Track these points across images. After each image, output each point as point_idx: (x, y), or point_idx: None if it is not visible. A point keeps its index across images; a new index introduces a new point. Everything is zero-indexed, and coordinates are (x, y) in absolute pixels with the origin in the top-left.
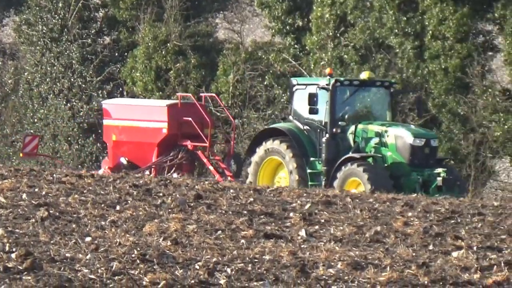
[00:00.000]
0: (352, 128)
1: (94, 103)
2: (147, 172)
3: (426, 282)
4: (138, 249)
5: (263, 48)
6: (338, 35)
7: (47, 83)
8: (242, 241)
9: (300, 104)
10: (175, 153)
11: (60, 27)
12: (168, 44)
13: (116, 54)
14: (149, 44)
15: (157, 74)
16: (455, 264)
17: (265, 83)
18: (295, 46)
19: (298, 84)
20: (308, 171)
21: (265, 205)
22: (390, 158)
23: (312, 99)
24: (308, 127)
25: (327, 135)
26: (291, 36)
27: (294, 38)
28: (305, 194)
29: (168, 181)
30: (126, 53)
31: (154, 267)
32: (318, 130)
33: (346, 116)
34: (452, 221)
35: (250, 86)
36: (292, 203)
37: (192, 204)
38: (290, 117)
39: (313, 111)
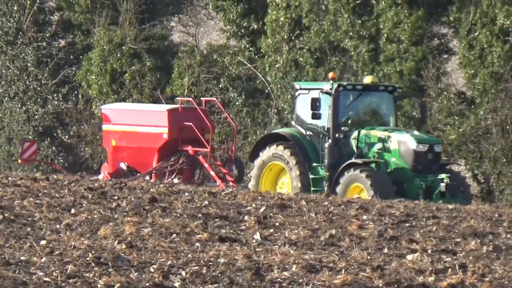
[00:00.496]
0: (355, 133)
1: (49, 106)
2: (147, 178)
3: (380, 285)
4: (93, 252)
5: (218, 51)
6: (293, 38)
7: (2, 86)
8: (197, 244)
9: (302, 109)
10: (175, 158)
11: (15, 30)
12: (123, 47)
13: (71, 57)
14: (104, 47)
15: (112, 77)
16: (410, 267)
17: (220, 86)
18: (250, 49)
19: (301, 89)
20: (311, 176)
21: (220, 209)
22: (393, 163)
23: (315, 104)
24: (310, 132)
25: (330, 141)
26: (246, 39)
27: (249, 41)
28: (259, 198)
29: (123, 184)
30: (81, 56)
31: (109, 270)
32: (321, 135)
33: (349, 121)
34: (407, 224)
35: (205, 89)
36: (247, 206)
37: (147, 208)
38: (293, 122)
39: (316, 116)
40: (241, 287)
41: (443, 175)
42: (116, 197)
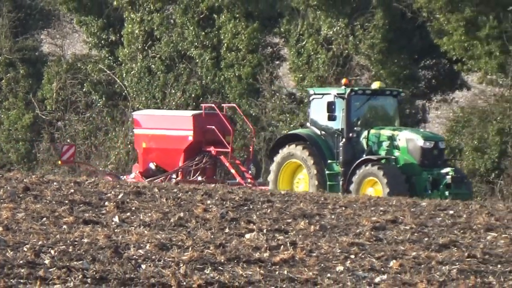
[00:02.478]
0: (365, 133)
1: None
2: (174, 176)
3: (222, 260)
4: None
5: (81, 60)
6: (146, 48)
7: None
8: (64, 226)
9: (317, 111)
10: (200, 158)
11: None
12: (0, 57)
13: None
14: None
15: None
16: (248, 245)
17: (84, 90)
18: (109, 58)
19: (315, 94)
20: (327, 172)
21: (84, 195)
22: (402, 159)
23: (331, 107)
24: (324, 133)
25: (344, 139)
26: (105, 49)
27: (109, 51)
28: (118, 186)
29: (0, 175)
30: None
31: None
32: (335, 135)
33: (359, 122)
34: (245, 208)
35: (71, 92)
36: (107, 193)
37: (21, 195)
38: (308, 124)
39: (331, 117)
40: (102, 263)
41: (448, 169)
42: None
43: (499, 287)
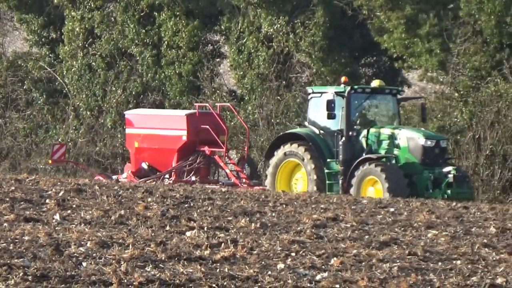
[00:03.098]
0: (364, 132)
1: None
2: (167, 176)
3: (163, 258)
4: None
5: (22, 57)
6: (87, 45)
7: None
8: (5, 224)
9: (315, 110)
10: (193, 158)
11: None
12: None
13: None
14: None
15: None
16: (189, 242)
17: (25, 87)
18: (50, 55)
19: (313, 93)
20: (326, 171)
21: (25, 193)
22: (402, 158)
23: (330, 105)
24: (323, 132)
25: (343, 138)
26: (46, 47)
27: (49, 48)
28: (59, 183)
29: None
30: None
31: None
32: (335, 134)
33: (358, 121)
34: (186, 205)
35: (11, 90)
36: (48, 191)
37: None
38: (306, 123)
39: (331, 116)
40: (43, 261)
41: (450, 168)
42: None
43: (439, 284)
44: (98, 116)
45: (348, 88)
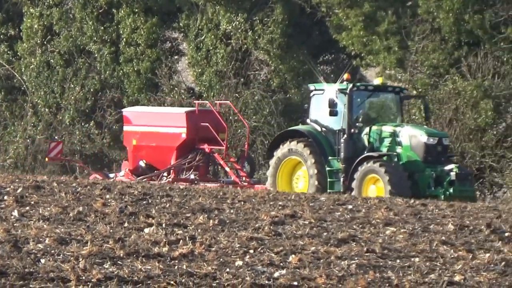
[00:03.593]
0: (366, 129)
1: None
2: (165, 174)
3: (121, 254)
4: None
5: None
6: (45, 42)
7: None
8: None
9: (317, 107)
10: (192, 156)
11: None
12: None
13: None
14: None
15: None
16: (147, 239)
17: None
18: (8, 52)
19: (315, 90)
20: (327, 168)
21: None
22: (404, 156)
23: (332, 103)
24: (325, 129)
25: (345, 136)
26: (4, 44)
27: (8, 45)
28: (17, 180)
29: None
30: None
31: None
32: (337, 131)
33: (361, 118)
34: (144, 202)
35: None
36: (6, 187)
37: None
38: (308, 120)
39: (333, 113)
40: (1, 257)
41: (452, 166)
42: None
43: (398, 282)
44: (56, 113)
45: (351, 85)
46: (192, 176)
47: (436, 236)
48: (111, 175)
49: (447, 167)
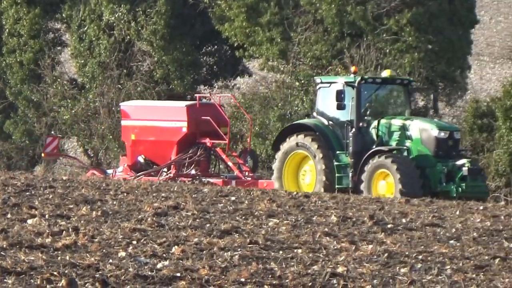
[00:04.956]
0: (375, 123)
1: None
2: (165, 169)
3: (5, 245)
4: None
5: None
6: None
7: None
8: None
9: (324, 101)
10: (194, 150)
11: None
12: None
13: None
14: None
15: None
16: (30, 230)
17: None
18: None
19: (322, 83)
20: (335, 163)
21: None
22: (415, 150)
23: (340, 95)
24: (332, 122)
25: (354, 129)
26: None
27: None
28: None
29: None
30: None
31: None
32: (345, 125)
33: (369, 112)
34: (27, 193)
35: None
36: None
37: None
38: (314, 114)
39: (340, 106)
40: None
41: (464, 160)
42: None
43: (280, 273)
44: None
45: (359, 78)
46: (193, 172)
47: (319, 228)
48: (109, 171)
49: (459, 162)
